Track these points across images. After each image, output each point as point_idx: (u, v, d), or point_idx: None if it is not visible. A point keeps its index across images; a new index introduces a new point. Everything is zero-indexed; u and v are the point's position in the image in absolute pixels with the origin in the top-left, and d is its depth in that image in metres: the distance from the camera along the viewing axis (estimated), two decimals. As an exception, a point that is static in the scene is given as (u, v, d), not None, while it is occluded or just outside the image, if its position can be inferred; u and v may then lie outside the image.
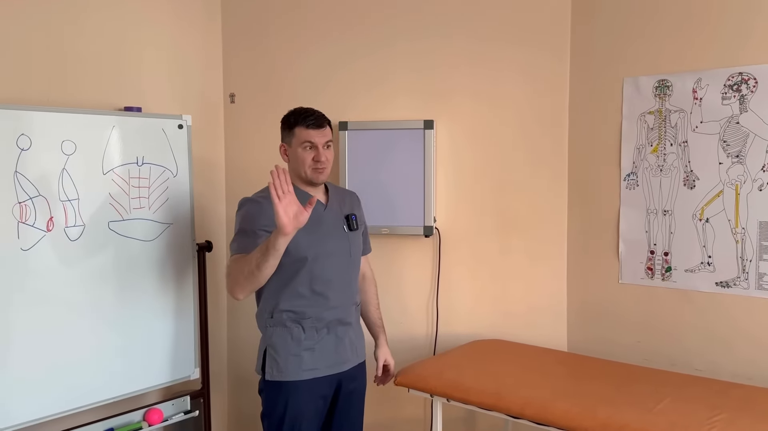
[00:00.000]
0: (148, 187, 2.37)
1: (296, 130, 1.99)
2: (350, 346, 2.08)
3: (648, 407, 1.85)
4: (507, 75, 2.61)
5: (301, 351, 1.98)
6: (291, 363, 1.97)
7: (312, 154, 1.98)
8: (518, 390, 2.04)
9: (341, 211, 2.10)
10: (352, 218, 2.10)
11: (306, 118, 1.99)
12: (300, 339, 1.98)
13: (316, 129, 1.98)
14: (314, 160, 1.98)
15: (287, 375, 1.97)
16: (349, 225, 2.09)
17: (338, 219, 2.08)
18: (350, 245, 2.09)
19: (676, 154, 2.34)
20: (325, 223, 2.04)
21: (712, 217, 2.27)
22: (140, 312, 2.38)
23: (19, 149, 2.05)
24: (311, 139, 1.97)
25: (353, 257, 2.11)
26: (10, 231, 2.04)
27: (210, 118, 2.99)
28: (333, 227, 2.06)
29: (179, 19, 2.84)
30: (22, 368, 2.08)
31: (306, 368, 1.98)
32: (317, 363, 2.00)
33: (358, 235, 2.14)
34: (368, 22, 2.79)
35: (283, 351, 1.98)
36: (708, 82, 2.25)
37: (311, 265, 1.98)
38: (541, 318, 2.63)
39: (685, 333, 2.34)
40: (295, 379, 1.97)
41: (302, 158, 1.98)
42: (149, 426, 2.41)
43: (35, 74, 2.34)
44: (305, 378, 1.98)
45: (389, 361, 2.24)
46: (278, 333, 1.99)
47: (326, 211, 2.06)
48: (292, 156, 2.02)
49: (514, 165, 2.63)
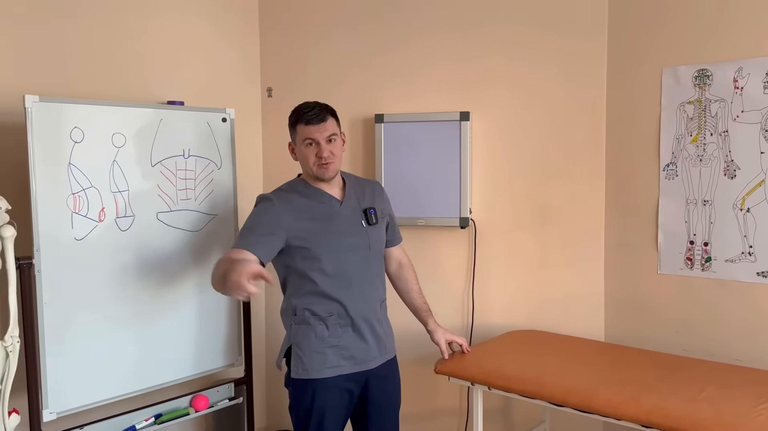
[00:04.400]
0: (194, 179, 2.43)
1: (298, 127, 1.98)
2: (376, 343, 2.06)
3: (692, 395, 1.86)
4: (543, 66, 2.61)
5: (325, 349, 1.98)
6: (315, 361, 1.98)
7: (315, 150, 1.96)
8: (560, 379, 2.05)
9: (359, 205, 2.07)
10: (370, 212, 2.07)
11: (305, 113, 1.95)
12: (324, 337, 1.98)
13: (316, 124, 1.94)
14: (317, 156, 1.95)
15: (312, 373, 1.98)
16: (367, 219, 2.06)
17: (356, 215, 2.05)
18: (369, 240, 2.06)
19: (716, 143, 2.33)
20: (340, 220, 2.02)
21: (753, 207, 2.26)
22: (187, 301, 2.44)
23: (73, 141, 2.12)
24: (311, 135, 1.95)
25: (374, 251, 2.08)
26: (64, 221, 2.11)
27: (248, 112, 3.04)
28: (349, 223, 2.03)
29: (218, 15, 2.90)
30: (75, 355, 2.15)
31: (330, 365, 1.98)
32: (342, 360, 2.00)
33: (378, 229, 2.09)
34: (403, 13, 2.81)
35: (307, 349, 1.98)
36: (749, 71, 2.24)
37: (326, 264, 1.97)
38: (578, 309, 2.63)
39: (725, 323, 2.33)
40: (320, 377, 1.98)
41: (306, 156, 1.97)
42: (195, 412, 2.47)
43: (84, 69, 2.42)
44: (329, 375, 1.98)
45: (454, 338, 2.22)
46: (302, 331, 1.99)
47: (342, 207, 2.04)
48: (299, 154, 2.01)
49: (551, 156, 2.63)
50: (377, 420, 2.10)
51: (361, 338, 2.02)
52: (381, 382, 2.08)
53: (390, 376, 2.12)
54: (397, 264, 2.25)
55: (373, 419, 2.09)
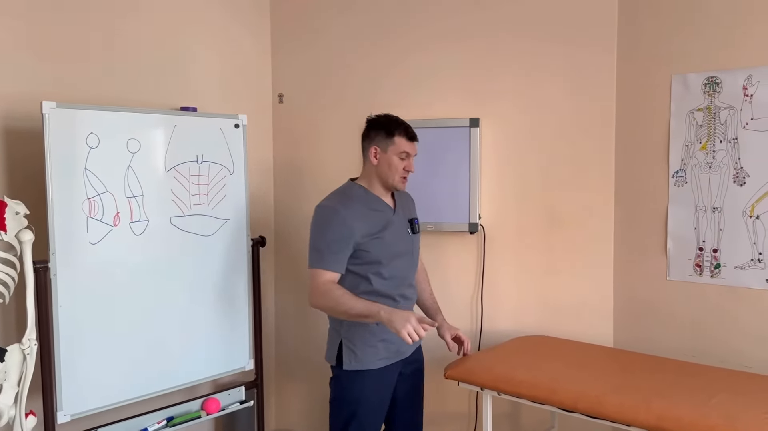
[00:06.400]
0: (207, 184, 2.46)
1: (396, 138, 2.11)
2: None
3: (702, 400, 1.86)
4: (553, 72, 2.63)
5: (377, 343, 2.14)
6: (368, 354, 2.14)
7: (405, 164, 2.12)
8: (570, 384, 2.06)
9: (405, 215, 2.25)
10: (414, 222, 2.26)
11: (407, 129, 2.12)
12: (375, 332, 2.13)
13: (413, 141, 2.13)
14: (405, 170, 2.12)
15: (365, 365, 2.14)
16: (412, 228, 2.24)
17: (404, 223, 2.22)
18: (413, 247, 2.25)
19: (725, 150, 2.34)
20: (395, 227, 2.18)
21: (762, 214, 2.27)
22: (198, 305, 2.47)
23: (89, 147, 2.15)
24: (409, 150, 2.11)
25: (415, 258, 2.27)
26: (80, 225, 2.14)
27: (259, 118, 3.07)
28: (400, 231, 2.20)
29: (230, 23, 2.94)
30: (89, 358, 2.18)
31: (380, 357, 2.16)
32: (389, 353, 2.17)
33: (419, 238, 2.29)
34: (413, 22, 2.83)
35: (360, 343, 2.14)
36: (759, 78, 2.25)
37: (383, 267, 2.12)
38: (586, 315, 2.64)
39: (735, 330, 2.34)
40: (372, 368, 2.14)
41: (396, 166, 2.11)
42: (207, 415, 2.49)
43: (100, 75, 2.45)
44: (380, 366, 2.15)
45: (458, 334, 2.30)
46: (355, 327, 2.13)
47: (395, 216, 2.20)
48: (384, 161, 2.12)
49: (560, 162, 2.65)
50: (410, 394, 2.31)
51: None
52: (412, 365, 2.29)
53: (419, 360, 2.35)
54: None
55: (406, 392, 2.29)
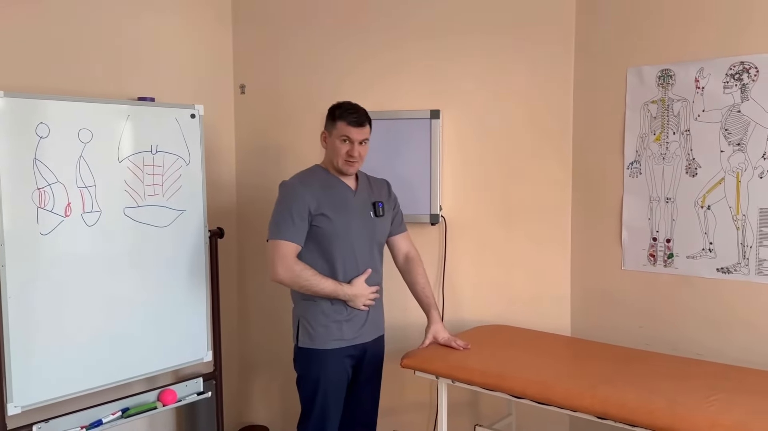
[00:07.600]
0: (162, 175, 2.44)
1: (338, 123, 2.17)
2: (371, 322, 2.28)
3: (648, 386, 1.90)
4: (512, 66, 2.65)
5: (329, 323, 2.20)
6: (320, 334, 2.20)
7: (347, 147, 2.17)
8: (521, 372, 2.09)
9: (369, 198, 2.29)
10: (378, 205, 2.30)
11: (350, 114, 2.17)
12: (328, 313, 2.19)
13: (356, 127, 2.16)
14: (347, 154, 2.17)
15: (317, 344, 2.20)
16: (375, 211, 2.28)
17: (366, 206, 2.27)
18: (374, 230, 2.28)
19: (678, 142, 2.38)
20: (353, 207, 2.23)
21: (713, 204, 2.31)
22: (154, 296, 2.45)
23: (38, 137, 2.12)
24: (349, 134, 2.16)
25: (376, 241, 2.30)
26: (29, 216, 2.11)
27: (221, 109, 3.05)
28: (360, 212, 2.24)
29: (191, 12, 2.91)
30: (40, 350, 2.16)
31: (333, 338, 2.20)
32: (343, 334, 2.21)
33: (383, 221, 2.32)
34: (375, 13, 2.83)
35: (314, 323, 2.21)
36: (710, 71, 2.29)
37: (338, 245, 2.17)
38: (545, 304, 2.67)
39: (687, 318, 2.38)
40: (324, 347, 2.19)
41: (338, 150, 2.18)
42: (163, 406, 2.48)
43: (53, 64, 2.42)
44: (332, 347, 2.20)
45: (439, 338, 2.31)
46: (310, 306, 2.20)
47: (355, 197, 2.25)
48: (330, 144, 2.22)
49: (519, 154, 2.67)
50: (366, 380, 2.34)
51: (360, 316, 2.24)
52: (370, 351, 2.31)
53: (378, 349, 2.36)
54: (403, 258, 2.41)
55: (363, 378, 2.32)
